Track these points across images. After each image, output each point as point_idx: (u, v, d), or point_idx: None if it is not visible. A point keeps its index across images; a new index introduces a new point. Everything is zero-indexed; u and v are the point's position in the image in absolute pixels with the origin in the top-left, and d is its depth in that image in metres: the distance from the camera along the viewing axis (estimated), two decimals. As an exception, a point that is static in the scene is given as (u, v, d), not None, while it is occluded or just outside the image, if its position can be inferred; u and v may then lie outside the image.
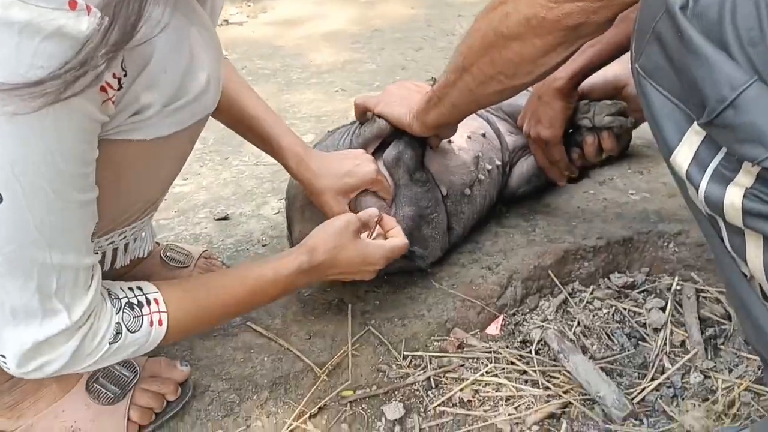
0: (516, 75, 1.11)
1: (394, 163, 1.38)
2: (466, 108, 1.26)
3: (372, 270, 1.21)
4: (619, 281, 1.55)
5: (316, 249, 1.15)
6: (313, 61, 2.88)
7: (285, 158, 1.33)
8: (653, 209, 1.66)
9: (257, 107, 1.32)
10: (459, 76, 1.19)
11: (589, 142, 1.48)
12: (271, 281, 1.10)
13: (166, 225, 1.73)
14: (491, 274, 1.48)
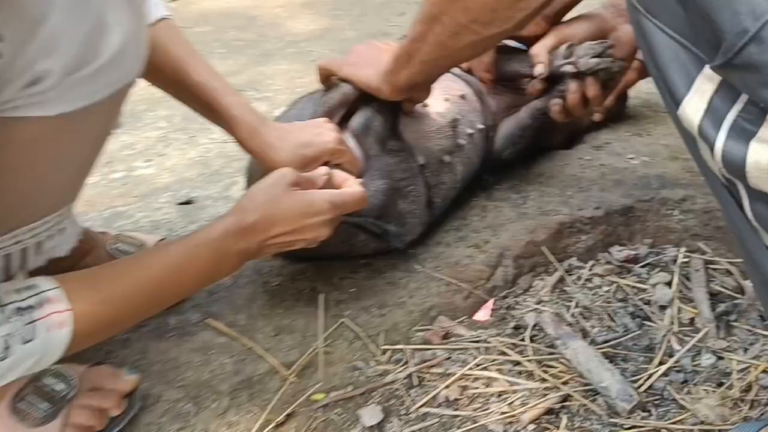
0: (493, 22, 0.98)
1: (363, 131, 1.24)
2: (438, 65, 1.13)
3: (319, 222, 1.04)
4: (620, 255, 1.41)
5: (245, 208, 1.01)
6: (290, 30, 2.72)
7: (236, 129, 1.19)
8: (655, 174, 1.52)
9: (203, 73, 1.17)
10: (429, 28, 1.05)
11: (572, 89, 1.31)
12: (195, 254, 0.96)
13: (123, 212, 1.59)
14: (479, 253, 1.34)
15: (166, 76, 1.17)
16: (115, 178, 1.75)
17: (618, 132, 1.69)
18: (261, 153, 1.18)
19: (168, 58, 1.14)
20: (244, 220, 1.00)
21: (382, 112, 1.25)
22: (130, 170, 1.78)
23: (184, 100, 1.22)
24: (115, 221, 1.56)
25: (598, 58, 1.25)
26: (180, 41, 1.18)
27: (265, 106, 2.06)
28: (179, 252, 0.97)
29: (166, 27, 1.17)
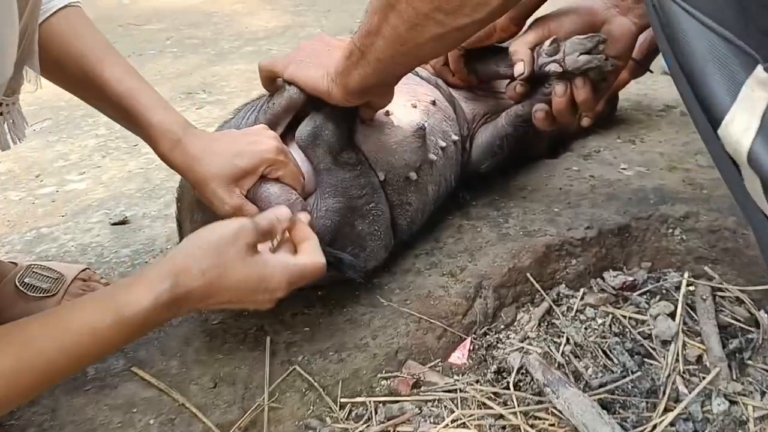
0: (460, 10, 0.79)
1: (311, 141, 1.05)
2: (396, 63, 0.92)
3: (269, 298, 0.87)
4: (616, 281, 1.23)
5: (186, 271, 0.81)
6: (248, 27, 2.51)
7: (154, 139, 0.99)
8: (652, 187, 1.34)
9: (116, 70, 0.98)
10: (383, 18, 0.86)
11: (559, 92, 1.11)
12: (113, 331, 0.76)
13: (48, 234, 1.38)
14: (454, 283, 1.15)
15: (71, 74, 0.97)
16: (43, 193, 1.55)
17: (608, 138, 1.52)
18: (185, 167, 0.98)
19: (70, 53, 0.95)
20: (180, 289, 0.80)
21: (334, 120, 1.06)
22: (61, 184, 1.57)
23: (95, 104, 1.02)
24: (38, 245, 1.35)
25: (588, 56, 1.07)
26: (87, 32, 0.99)
27: (218, 110, 1.86)
28: (94, 331, 0.76)
29: (70, 16, 0.98)
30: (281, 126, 1.10)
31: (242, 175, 0.98)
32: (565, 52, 1.08)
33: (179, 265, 0.81)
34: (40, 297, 1.07)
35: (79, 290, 1.11)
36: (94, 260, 1.28)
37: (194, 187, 1.00)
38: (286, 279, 0.85)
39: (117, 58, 0.99)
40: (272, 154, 0.99)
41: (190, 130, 0.99)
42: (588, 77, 1.08)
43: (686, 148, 1.46)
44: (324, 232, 1.05)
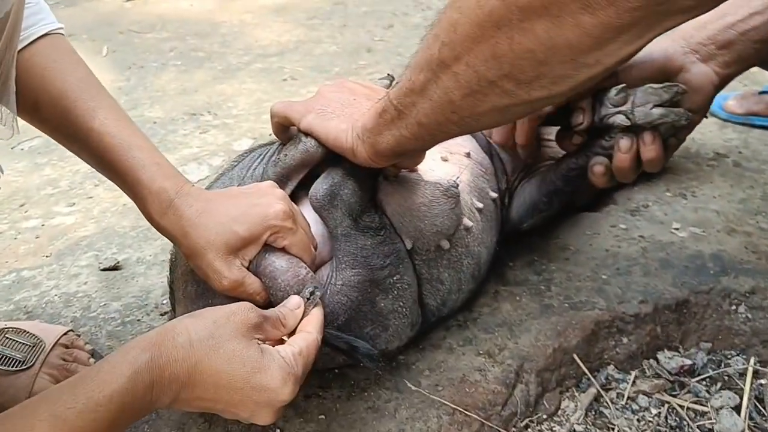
0: (537, 81, 0.63)
1: (327, 201, 0.89)
2: (442, 131, 0.76)
3: (270, 402, 0.71)
4: (672, 364, 1.08)
5: (171, 339, 0.68)
6: (258, 40, 2.36)
7: (143, 200, 0.85)
8: (710, 253, 1.20)
9: (100, 113, 0.83)
10: (433, 78, 0.70)
11: (623, 148, 0.96)
12: (85, 419, 0.61)
13: (29, 279, 1.23)
14: (492, 365, 1.00)
15: (48, 116, 0.83)
16: (27, 227, 1.39)
17: (656, 191, 1.37)
18: (178, 234, 0.84)
19: (49, 91, 0.81)
20: (165, 358, 0.67)
21: (355, 177, 0.91)
22: (47, 217, 1.42)
23: (75, 152, 0.87)
24: (17, 292, 1.20)
25: (662, 109, 0.91)
26: (69, 66, 0.84)
27: (224, 136, 1.70)
28: (65, 413, 0.61)
29: (50, 46, 0.83)
30: (293, 182, 0.95)
31: (243, 245, 0.83)
32: (634, 103, 0.93)
33: (165, 333, 0.68)
34: (12, 371, 0.91)
35: (59, 360, 0.96)
36: (79, 314, 1.13)
37: (188, 257, 0.84)
38: (291, 377, 0.72)
39: (103, 99, 0.85)
40: (279, 220, 0.84)
41: (185, 189, 0.84)
42: (658, 132, 0.93)
43: (744, 206, 1.31)
44: (339, 310, 0.90)
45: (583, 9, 0.54)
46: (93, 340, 1.07)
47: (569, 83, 0.63)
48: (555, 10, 0.55)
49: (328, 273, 0.92)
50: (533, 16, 0.57)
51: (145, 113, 1.85)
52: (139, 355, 0.67)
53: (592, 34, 0.55)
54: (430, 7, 2.59)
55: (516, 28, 0.59)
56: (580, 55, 0.59)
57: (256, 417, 0.72)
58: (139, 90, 2.01)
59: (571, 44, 0.57)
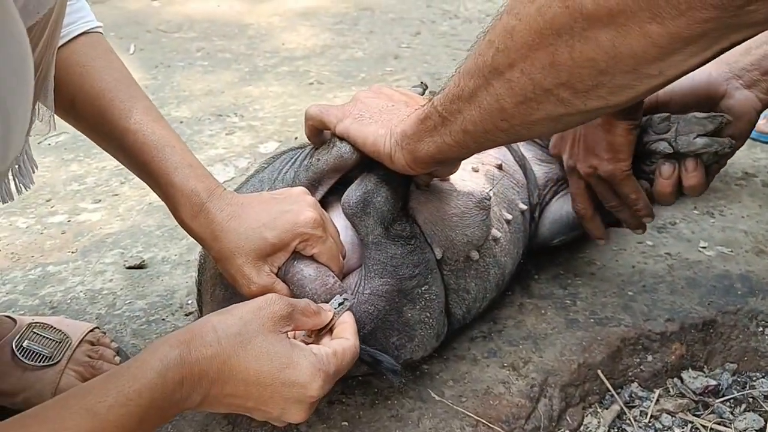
0: (594, 91, 0.62)
1: (360, 209, 0.89)
2: (488, 139, 0.75)
3: (301, 399, 0.71)
4: (696, 384, 1.07)
5: (200, 337, 0.69)
6: (285, 43, 2.37)
7: (175, 203, 0.85)
8: (738, 273, 1.18)
9: (136, 114, 0.84)
10: (484, 84, 0.69)
11: (665, 174, 0.95)
12: (115, 414, 0.62)
13: (55, 274, 1.24)
14: (517, 378, 1.00)
15: (85, 115, 0.83)
16: (53, 222, 1.40)
17: (683, 208, 1.36)
18: (208, 237, 0.84)
19: (86, 90, 0.81)
20: (195, 355, 0.68)
21: (389, 185, 0.90)
22: (74, 212, 1.43)
23: (109, 150, 0.88)
24: (42, 287, 1.21)
25: (706, 138, 0.91)
26: (107, 65, 0.84)
27: (250, 138, 1.71)
28: (96, 406, 0.62)
29: (88, 44, 0.83)
30: (324, 187, 0.94)
31: (272, 251, 0.83)
32: (678, 131, 0.92)
33: (194, 330, 0.69)
34: (39, 366, 0.92)
35: (84, 356, 0.97)
36: (104, 312, 1.14)
37: (217, 261, 0.85)
38: (321, 372, 0.72)
39: (139, 99, 0.85)
40: (308, 228, 0.83)
41: (217, 192, 0.84)
42: (701, 159, 0.93)
43: (773, 227, 1.30)
44: (366, 319, 0.89)
45: (652, 18, 0.53)
46: (118, 338, 1.07)
47: (628, 94, 0.61)
48: (622, 19, 0.54)
49: (357, 281, 0.92)
50: (598, 24, 0.56)
51: (172, 113, 1.86)
52: (168, 352, 0.67)
53: (659, 44, 0.54)
54: (458, 16, 2.59)
55: (578, 36, 0.58)
56: (643, 65, 0.58)
57: (287, 414, 0.72)
58: (166, 89, 2.02)
59: (636, 54, 0.56)
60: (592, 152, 0.99)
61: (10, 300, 1.17)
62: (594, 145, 0.98)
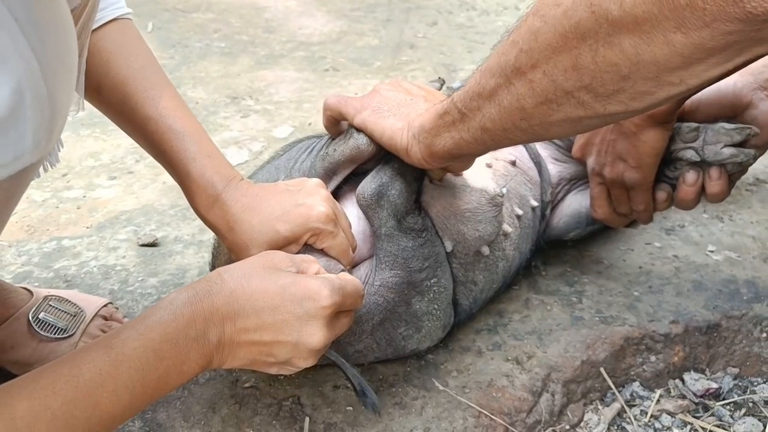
0: (615, 95, 0.63)
1: (374, 201, 0.90)
2: (507, 138, 0.76)
3: (317, 313, 0.73)
4: (697, 386, 1.09)
5: (207, 279, 0.73)
6: (301, 29, 2.37)
7: (192, 193, 0.87)
8: (744, 279, 1.20)
9: (160, 103, 0.85)
10: (506, 84, 0.70)
11: (689, 181, 0.97)
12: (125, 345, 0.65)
13: (69, 248, 1.25)
14: (520, 372, 1.02)
15: (110, 100, 0.85)
16: (69, 197, 1.42)
17: (693, 211, 1.37)
18: (223, 228, 0.86)
19: (112, 76, 0.83)
20: (204, 291, 0.71)
21: (403, 178, 0.91)
22: (89, 188, 1.45)
23: (132, 136, 0.89)
24: (57, 260, 1.22)
25: (733, 149, 0.92)
26: (134, 53, 0.86)
27: (264, 122, 1.72)
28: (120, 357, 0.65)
29: (118, 31, 0.85)
30: (339, 177, 0.96)
31: (284, 243, 0.85)
32: (705, 141, 0.93)
33: (202, 279, 0.73)
34: (54, 338, 0.94)
35: (98, 330, 0.99)
36: (117, 287, 1.15)
37: (231, 251, 0.87)
38: (326, 283, 0.74)
39: (164, 87, 0.86)
40: (320, 223, 0.85)
41: (233, 183, 0.86)
42: (725, 168, 0.94)
43: (781, 234, 1.31)
44: (375, 310, 0.91)
45: (677, 28, 0.54)
46: (129, 314, 1.09)
47: (648, 100, 0.62)
48: (647, 26, 0.55)
49: (367, 272, 0.93)
50: (623, 30, 0.57)
51: (188, 93, 1.87)
52: (176, 296, 0.71)
53: (682, 53, 0.55)
54: (474, 8, 2.59)
55: (602, 41, 0.59)
56: (665, 73, 0.59)
57: (305, 335, 0.73)
58: (182, 69, 2.03)
59: (658, 61, 0.57)
60: (620, 158, 1.00)
61: (25, 271, 1.19)
62: (623, 151, 0.99)
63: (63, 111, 0.55)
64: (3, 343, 0.93)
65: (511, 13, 2.54)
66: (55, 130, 0.53)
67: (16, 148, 0.49)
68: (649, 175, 0.98)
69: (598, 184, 1.05)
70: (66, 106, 0.57)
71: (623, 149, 0.97)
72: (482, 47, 2.24)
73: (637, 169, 0.97)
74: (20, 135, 0.49)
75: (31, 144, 0.50)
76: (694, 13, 0.52)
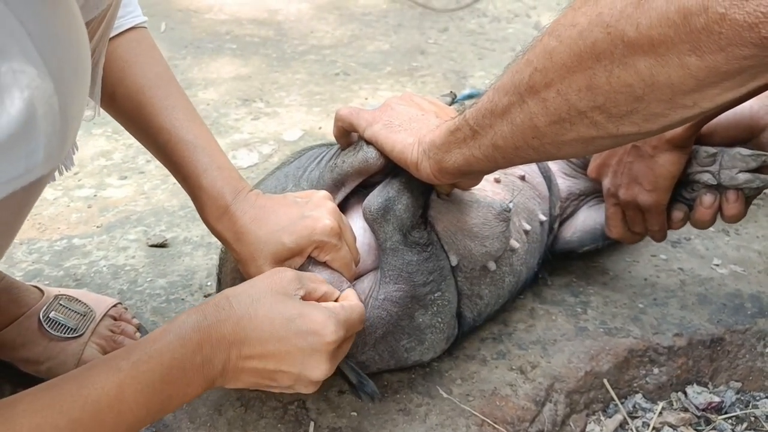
0: (628, 116, 0.63)
1: (380, 215, 0.91)
2: (518, 156, 0.77)
3: (321, 347, 0.74)
4: (700, 399, 1.09)
5: (213, 304, 0.74)
6: (314, 31, 2.38)
7: (202, 204, 0.88)
8: (749, 293, 1.20)
9: (173, 114, 0.87)
10: (519, 102, 0.70)
11: (706, 203, 0.98)
12: (131, 377, 0.66)
13: (79, 247, 1.27)
14: (524, 381, 1.02)
15: (124, 108, 0.86)
16: (80, 195, 1.43)
17: (699, 225, 1.37)
18: (231, 239, 0.87)
19: (127, 85, 0.84)
20: (212, 317, 0.72)
21: (410, 192, 0.92)
22: (100, 187, 1.46)
23: (146, 146, 0.91)
24: (67, 258, 1.24)
25: (749, 175, 0.93)
26: (149, 62, 0.87)
27: (275, 124, 1.73)
28: (111, 376, 0.66)
29: (134, 40, 0.86)
30: (347, 188, 0.97)
31: (289, 255, 0.86)
32: (721, 165, 0.94)
33: (210, 301, 0.74)
34: (64, 338, 0.95)
35: (107, 330, 1.00)
36: (126, 288, 1.17)
37: (238, 262, 0.88)
38: (332, 317, 0.75)
39: (178, 98, 0.88)
40: (325, 236, 0.86)
41: (242, 195, 0.87)
42: (742, 192, 0.95)
43: (787, 249, 1.31)
44: (378, 323, 0.92)
45: (692, 51, 0.54)
46: (138, 314, 1.11)
47: (662, 122, 0.63)
48: (662, 49, 0.56)
49: (371, 285, 0.94)
50: (639, 52, 0.57)
51: (199, 94, 1.88)
52: (185, 319, 0.72)
53: (696, 76, 0.56)
54: (486, 14, 2.59)
55: (617, 62, 0.59)
56: (679, 95, 0.59)
57: (308, 368, 0.74)
58: (194, 70, 2.05)
59: (673, 84, 0.58)
60: (635, 181, 1.01)
61: (36, 269, 1.21)
62: (639, 174, 1.00)
63: (75, 122, 0.57)
64: (14, 341, 0.94)
65: (522, 20, 2.55)
66: (67, 142, 0.54)
67: (28, 161, 0.50)
68: (663, 198, 0.98)
69: (613, 205, 1.06)
70: (78, 117, 0.58)
71: (639, 171, 0.98)
72: (492, 54, 2.25)
73: (651, 193, 0.98)
74: (32, 149, 0.50)
75: (42, 156, 0.51)
76: (710, 36, 0.53)
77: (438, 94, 1.90)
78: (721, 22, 0.51)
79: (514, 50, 2.25)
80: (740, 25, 0.51)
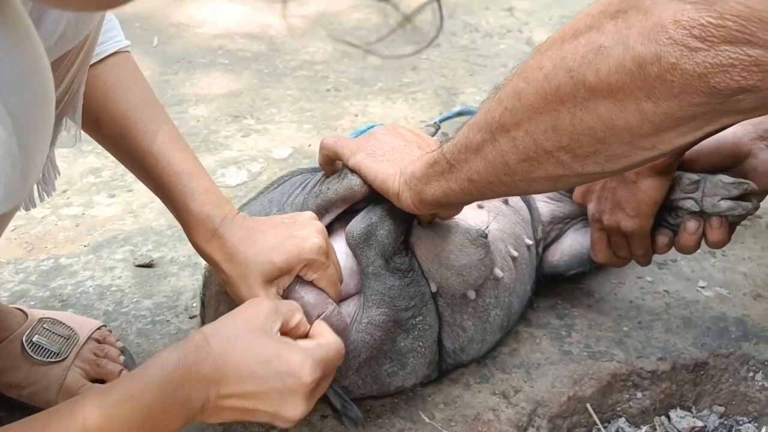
0: (592, 157, 0.66)
1: (363, 241, 0.92)
2: (492, 190, 0.79)
3: (299, 389, 0.74)
4: (683, 424, 1.10)
5: (194, 343, 0.74)
6: (305, 47, 2.39)
7: (190, 227, 0.89)
8: (734, 316, 1.21)
9: (158, 138, 0.87)
10: (491, 139, 0.73)
11: (690, 229, 0.98)
12: (116, 406, 0.67)
13: (66, 267, 1.27)
14: (507, 406, 1.03)
15: (109, 134, 0.87)
16: (68, 214, 1.43)
17: (685, 246, 1.38)
18: (220, 261, 0.88)
19: (110, 110, 0.85)
20: (192, 356, 0.72)
21: (392, 219, 0.93)
22: (88, 206, 1.46)
23: (132, 171, 0.91)
24: (54, 278, 1.24)
25: (731, 202, 0.93)
26: (132, 86, 0.88)
27: (264, 141, 1.74)
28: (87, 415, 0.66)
29: (117, 65, 0.87)
30: (331, 215, 0.98)
31: (279, 274, 0.87)
32: (704, 192, 0.95)
33: (190, 339, 0.74)
34: (47, 362, 0.95)
35: (91, 354, 1.00)
36: (112, 308, 1.17)
37: (227, 284, 0.88)
38: (309, 358, 0.74)
39: (162, 123, 0.88)
40: (314, 254, 0.86)
41: (229, 217, 0.88)
42: (726, 219, 0.95)
43: (773, 271, 1.32)
44: (362, 347, 0.93)
45: (648, 97, 0.57)
46: (123, 336, 1.11)
47: (623, 162, 0.65)
48: (620, 94, 0.58)
49: (355, 309, 0.95)
50: (599, 96, 0.60)
51: (190, 110, 1.89)
52: (167, 358, 0.72)
53: (653, 121, 0.58)
54: (478, 30, 2.60)
55: (580, 105, 0.61)
56: (638, 138, 0.62)
57: (287, 408, 0.74)
58: (186, 85, 2.05)
59: (631, 127, 0.60)
60: (618, 206, 1.02)
61: (22, 290, 1.21)
62: (622, 199, 1.01)
63: (38, 160, 0.57)
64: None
65: (514, 36, 2.56)
66: (28, 180, 0.54)
67: None
68: (646, 223, 0.99)
69: (598, 230, 1.06)
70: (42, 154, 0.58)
71: (622, 197, 0.99)
72: (484, 70, 2.26)
73: (634, 218, 0.98)
74: None
75: (2, 196, 0.51)
76: (663, 84, 0.55)
77: (428, 111, 1.91)
78: (673, 71, 0.54)
79: (505, 66, 2.26)
80: (690, 75, 0.53)
